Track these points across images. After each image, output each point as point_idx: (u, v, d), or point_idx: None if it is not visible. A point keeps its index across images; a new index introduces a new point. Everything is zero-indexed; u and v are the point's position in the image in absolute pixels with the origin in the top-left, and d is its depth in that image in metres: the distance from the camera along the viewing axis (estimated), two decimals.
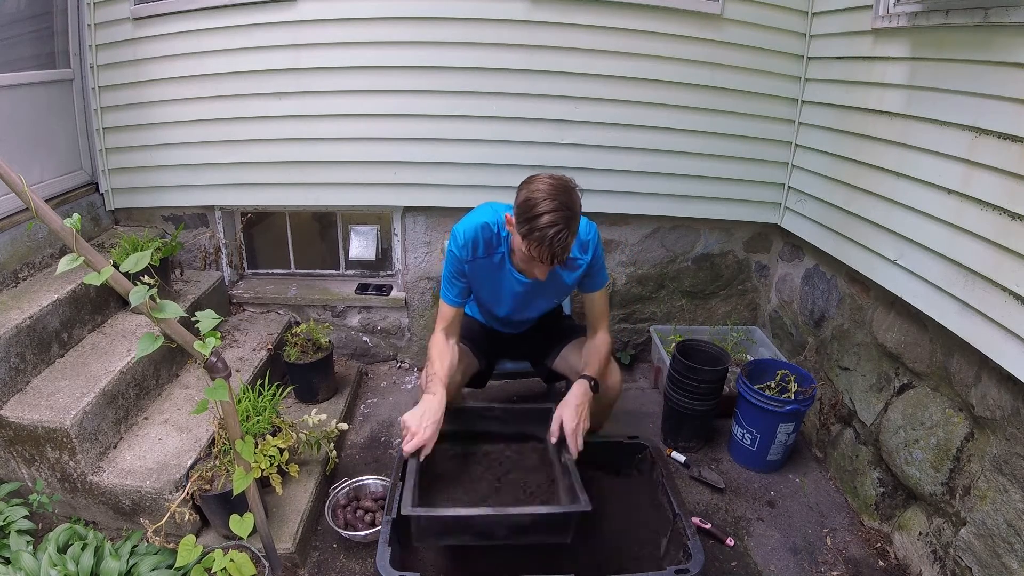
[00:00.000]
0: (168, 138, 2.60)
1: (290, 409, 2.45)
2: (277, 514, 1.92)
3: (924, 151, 1.80)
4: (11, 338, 1.86)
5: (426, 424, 1.56)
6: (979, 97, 1.60)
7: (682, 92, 2.47)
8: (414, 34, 2.37)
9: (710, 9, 2.34)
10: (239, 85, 2.49)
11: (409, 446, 1.54)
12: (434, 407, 1.59)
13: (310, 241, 3.21)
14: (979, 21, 1.56)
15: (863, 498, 2.11)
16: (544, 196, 1.40)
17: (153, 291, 1.19)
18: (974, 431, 1.68)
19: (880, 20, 1.95)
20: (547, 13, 2.34)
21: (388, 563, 1.40)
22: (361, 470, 2.26)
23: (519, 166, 2.53)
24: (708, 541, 1.98)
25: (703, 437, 2.46)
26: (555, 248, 1.42)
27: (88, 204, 2.69)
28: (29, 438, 1.79)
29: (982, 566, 1.57)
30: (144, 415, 2.10)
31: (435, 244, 2.81)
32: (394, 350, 3.03)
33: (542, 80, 2.43)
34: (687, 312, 3.03)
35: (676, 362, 2.34)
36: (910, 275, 1.87)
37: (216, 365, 1.34)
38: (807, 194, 2.48)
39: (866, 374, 2.16)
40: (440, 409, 1.60)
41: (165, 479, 1.80)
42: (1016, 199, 1.48)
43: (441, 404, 1.60)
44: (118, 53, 2.51)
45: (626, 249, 2.87)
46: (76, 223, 1.14)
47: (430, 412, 1.58)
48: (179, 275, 2.66)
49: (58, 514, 1.91)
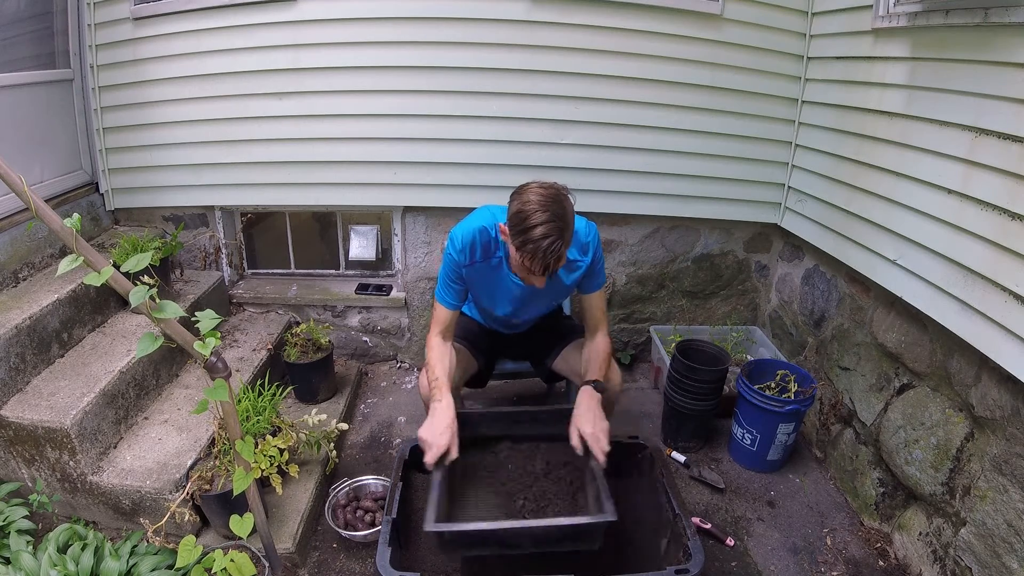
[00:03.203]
0: (168, 138, 2.60)
1: (290, 409, 2.45)
2: (277, 514, 1.92)
3: (924, 151, 1.80)
4: (11, 338, 1.86)
5: (440, 431, 1.56)
6: (979, 97, 1.60)
7: (682, 92, 2.47)
8: (414, 34, 2.37)
9: (710, 9, 2.34)
10: (239, 85, 2.49)
11: (429, 457, 1.54)
12: (445, 414, 1.59)
13: (310, 241, 3.21)
14: (979, 21, 1.56)
15: (863, 498, 2.11)
16: (536, 207, 1.40)
17: (153, 291, 1.19)
18: (974, 431, 1.68)
19: (880, 20, 1.95)
20: (547, 13, 2.33)
21: (388, 563, 1.40)
22: (361, 470, 2.26)
23: (519, 166, 2.54)
24: (708, 541, 1.98)
25: (703, 437, 2.46)
26: (548, 259, 1.42)
27: (88, 204, 2.69)
28: (29, 438, 1.79)
29: (982, 566, 1.57)
30: (144, 415, 2.10)
31: (435, 244, 2.81)
32: (394, 350, 3.03)
33: (542, 80, 2.43)
34: (687, 312, 3.03)
35: (676, 362, 2.34)
36: (910, 275, 1.87)
37: (216, 365, 1.34)
38: (807, 194, 2.48)
39: (866, 374, 2.16)
40: (451, 414, 1.60)
41: (165, 479, 1.80)
42: (1016, 199, 1.48)
43: (451, 408, 1.61)
44: (118, 53, 2.51)
45: (626, 249, 2.87)
46: (76, 223, 1.14)
47: (442, 420, 1.58)
48: (179, 275, 2.66)
49: (58, 514, 1.91)
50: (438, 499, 1.45)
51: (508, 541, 1.48)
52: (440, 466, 1.55)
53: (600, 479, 1.53)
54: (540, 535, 1.47)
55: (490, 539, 1.48)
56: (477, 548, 1.52)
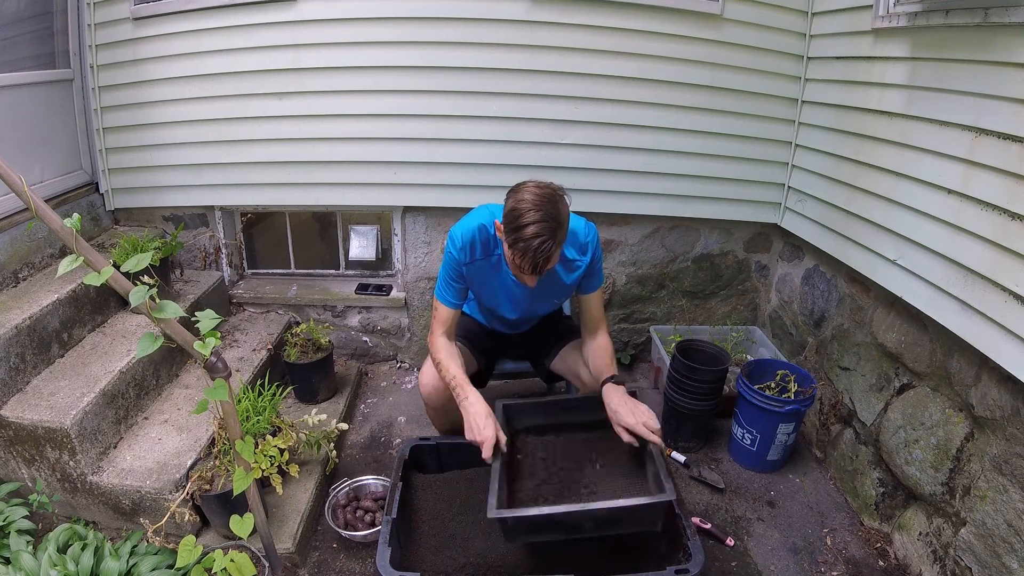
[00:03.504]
0: (168, 138, 2.60)
1: (290, 409, 2.45)
2: (277, 514, 1.92)
3: (924, 151, 1.80)
4: (11, 338, 1.86)
5: (483, 424, 1.58)
6: (979, 97, 1.60)
7: (682, 92, 2.47)
8: (414, 34, 2.37)
9: (710, 9, 2.34)
10: (239, 85, 2.49)
11: (485, 452, 1.55)
12: (479, 407, 1.61)
13: (310, 241, 3.21)
14: (979, 21, 1.56)
15: (863, 498, 2.11)
16: (530, 207, 1.40)
17: (153, 291, 1.19)
18: (974, 431, 1.68)
19: (880, 20, 1.95)
20: (547, 13, 2.33)
21: (388, 563, 1.40)
22: (361, 470, 2.26)
23: (519, 166, 2.54)
24: (708, 541, 1.98)
25: (703, 437, 2.46)
26: (538, 259, 1.42)
27: (88, 204, 2.69)
28: (29, 438, 1.79)
29: (982, 566, 1.57)
30: (144, 415, 2.10)
31: (435, 244, 2.81)
32: (394, 350, 3.03)
33: (542, 80, 2.43)
34: (687, 312, 3.03)
35: (676, 362, 2.34)
36: (910, 275, 1.87)
37: (216, 365, 1.34)
38: (807, 194, 2.48)
39: (866, 374, 2.16)
40: (482, 404, 1.62)
41: (165, 479, 1.80)
42: (1016, 199, 1.48)
43: (480, 400, 1.63)
44: (118, 53, 2.51)
45: (626, 249, 2.87)
46: (76, 223, 1.14)
47: (479, 413, 1.60)
48: (179, 275, 2.66)
49: (58, 514, 1.91)
50: (498, 487, 1.46)
51: (570, 525, 1.49)
52: (497, 455, 1.56)
53: (659, 459, 1.53)
54: (602, 517, 1.48)
55: (552, 523, 1.48)
56: (540, 534, 1.53)
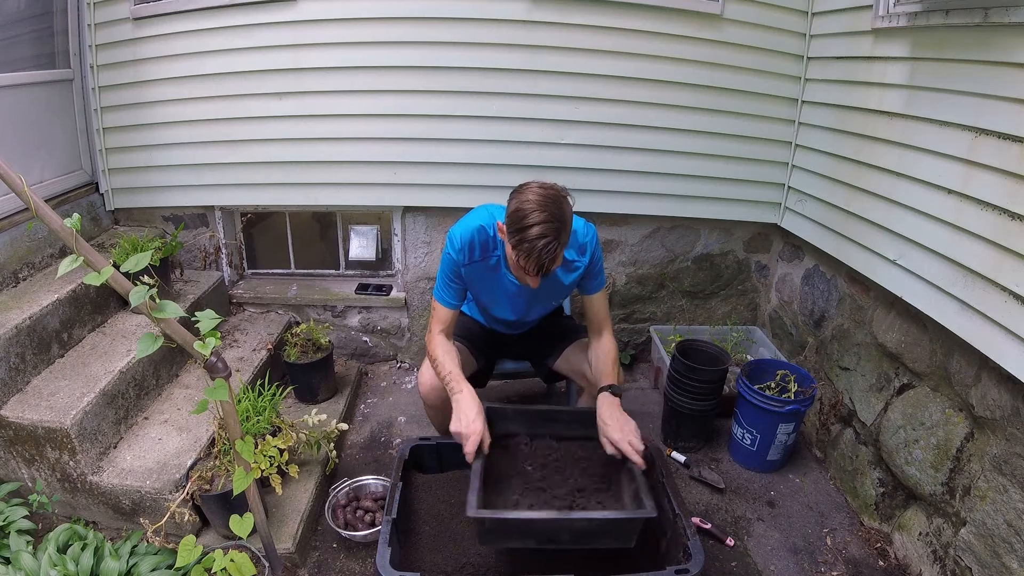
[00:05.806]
0: (168, 138, 2.60)
1: (290, 409, 2.45)
2: (277, 514, 1.92)
3: (924, 151, 1.80)
4: (11, 338, 1.86)
5: (472, 419, 1.57)
6: (979, 97, 1.60)
7: (682, 92, 2.47)
8: (414, 34, 2.37)
9: (710, 9, 2.34)
10: (239, 85, 2.49)
11: (469, 446, 1.55)
12: (471, 402, 1.60)
13: (310, 241, 3.21)
14: (979, 21, 1.56)
15: (863, 498, 2.11)
16: (534, 207, 1.40)
17: (153, 291, 1.19)
18: (974, 431, 1.68)
19: (880, 20, 1.95)
20: (547, 13, 2.33)
21: (388, 563, 1.40)
22: (361, 470, 2.26)
23: (519, 166, 2.54)
24: (708, 541, 1.98)
25: (703, 437, 2.46)
26: (543, 260, 1.42)
27: (88, 204, 2.69)
28: (29, 438, 1.79)
29: (982, 566, 1.57)
30: (144, 415, 2.10)
31: (435, 244, 2.81)
32: (394, 350, 3.03)
33: (542, 80, 2.43)
34: (687, 312, 3.03)
35: (676, 362, 2.34)
36: (910, 275, 1.87)
37: (216, 365, 1.34)
38: (807, 194, 2.48)
39: (866, 374, 2.16)
40: (475, 401, 1.61)
41: (165, 479, 1.80)
42: (1016, 199, 1.48)
43: (473, 396, 1.62)
44: (118, 53, 2.51)
45: (626, 249, 2.87)
46: (76, 223, 1.14)
47: (470, 408, 1.59)
48: (179, 275, 2.65)
49: (58, 514, 1.91)
50: (479, 487, 1.46)
51: (548, 534, 1.49)
52: (479, 455, 1.56)
53: (639, 478, 1.54)
54: (580, 529, 1.47)
55: (530, 530, 1.48)
56: (517, 539, 1.53)
